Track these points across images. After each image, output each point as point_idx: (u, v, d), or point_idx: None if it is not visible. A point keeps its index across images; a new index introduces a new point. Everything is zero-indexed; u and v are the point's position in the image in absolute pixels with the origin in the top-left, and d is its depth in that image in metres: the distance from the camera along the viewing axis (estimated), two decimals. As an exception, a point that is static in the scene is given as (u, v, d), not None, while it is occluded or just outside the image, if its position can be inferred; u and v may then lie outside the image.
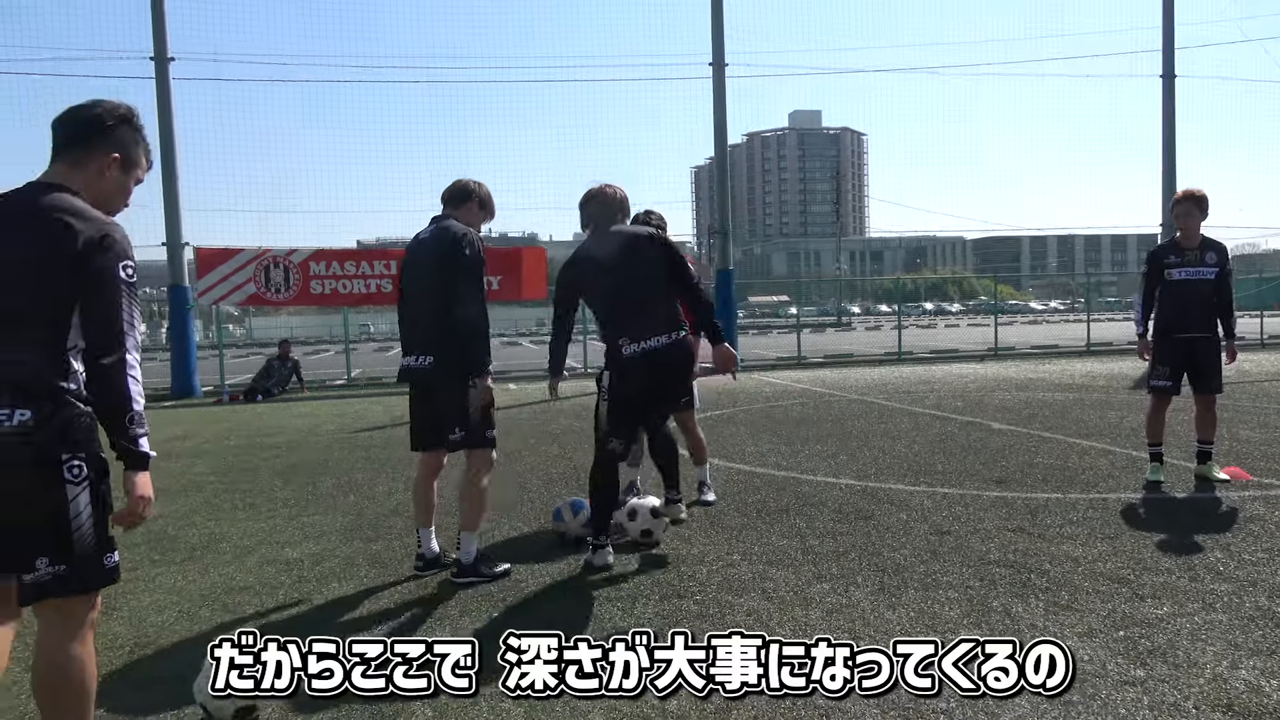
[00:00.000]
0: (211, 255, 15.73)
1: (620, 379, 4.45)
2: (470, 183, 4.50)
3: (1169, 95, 19.85)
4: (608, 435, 4.50)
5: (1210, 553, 4.50)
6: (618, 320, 4.46)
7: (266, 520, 5.84)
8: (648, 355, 4.37)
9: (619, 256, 4.48)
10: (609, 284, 4.49)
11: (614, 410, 4.49)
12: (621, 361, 4.42)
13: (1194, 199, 6.04)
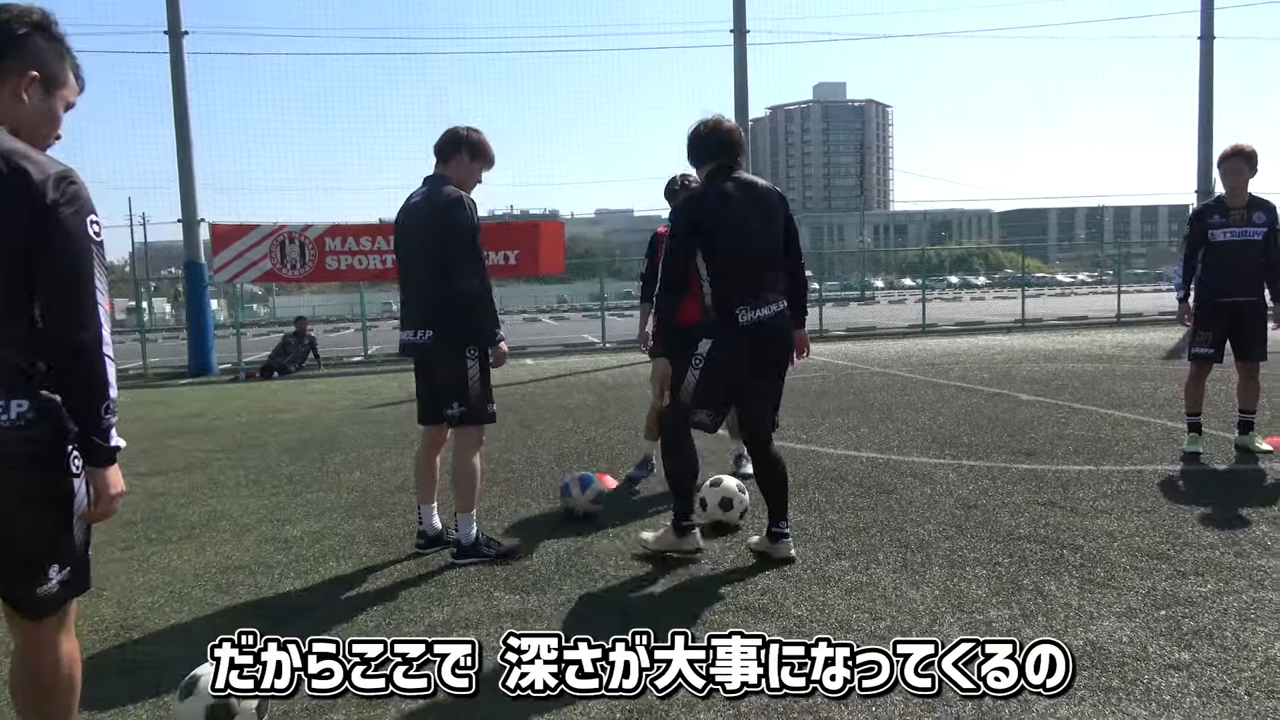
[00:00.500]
0: (227, 232, 15.63)
1: (726, 347, 3.87)
2: (459, 130, 4.19)
3: (1207, 57, 19.19)
4: (694, 407, 3.94)
5: (1256, 527, 4.24)
6: (741, 282, 3.87)
7: (270, 497, 5.69)
8: (762, 325, 3.88)
9: (760, 209, 3.94)
10: (743, 239, 3.89)
11: (709, 379, 3.90)
12: (737, 328, 3.84)
13: (1243, 155, 5.70)
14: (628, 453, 6.68)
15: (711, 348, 3.89)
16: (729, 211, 3.88)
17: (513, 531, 4.64)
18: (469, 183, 4.19)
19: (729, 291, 3.87)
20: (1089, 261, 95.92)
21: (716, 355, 3.88)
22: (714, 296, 3.91)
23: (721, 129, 4.01)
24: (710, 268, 3.91)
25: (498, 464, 6.39)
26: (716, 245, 3.88)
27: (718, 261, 3.90)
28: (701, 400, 3.94)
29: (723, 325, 3.88)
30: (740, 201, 3.90)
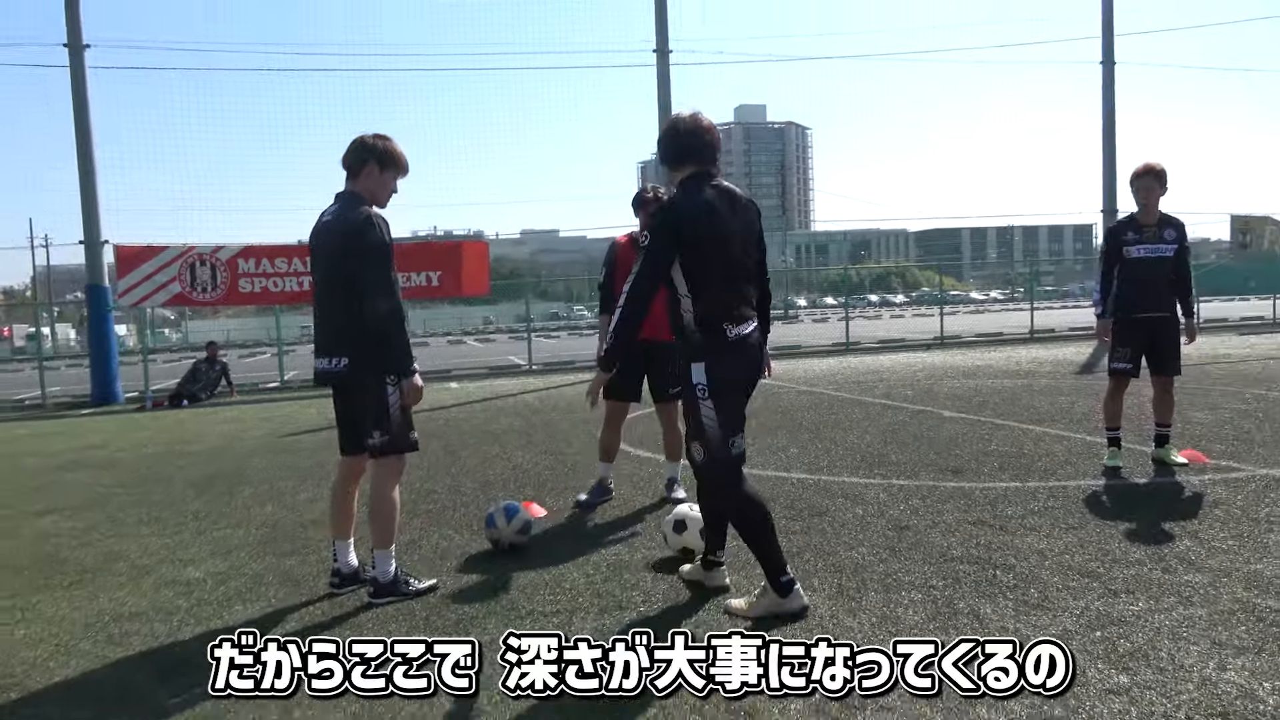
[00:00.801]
0: (133, 254, 14.95)
1: (722, 365, 3.55)
2: (365, 139, 3.93)
3: (1109, 82, 20.01)
4: (728, 438, 3.56)
5: (1180, 541, 4.28)
6: (726, 297, 3.58)
7: (172, 535, 5.34)
8: (746, 342, 3.61)
9: (741, 220, 3.65)
10: (728, 252, 3.59)
11: (726, 403, 3.56)
12: (726, 344, 3.54)
13: (1154, 173, 5.85)
14: (555, 479, 6.50)
15: (709, 371, 3.53)
16: (714, 222, 3.57)
17: (434, 567, 4.41)
18: (382, 195, 3.98)
19: (714, 307, 3.54)
20: (1000, 279, 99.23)
21: (719, 376, 3.54)
22: (697, 313, 3.55)
23: (703, 128, 3.66)
24: (692, 282, 3.55)
25: (419, 494, 6.13)
26: (702, 258, 3.54)
27: (702, 275, 3.54)
28: (730, 428, 3.57)
29: (710, 343, 3.55)
30: (724, 211, 3.60)
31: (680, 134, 3.65)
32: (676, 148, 3.66)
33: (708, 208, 3.56)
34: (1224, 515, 4.69)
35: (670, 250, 3.52)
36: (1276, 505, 4.84)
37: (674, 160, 3.68)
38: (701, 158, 3.65)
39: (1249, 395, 9.30)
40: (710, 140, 3.66)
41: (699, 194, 3.59)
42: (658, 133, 3.82)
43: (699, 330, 3.56)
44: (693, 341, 3.57)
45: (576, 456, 7.41)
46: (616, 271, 5.52)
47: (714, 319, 3.55)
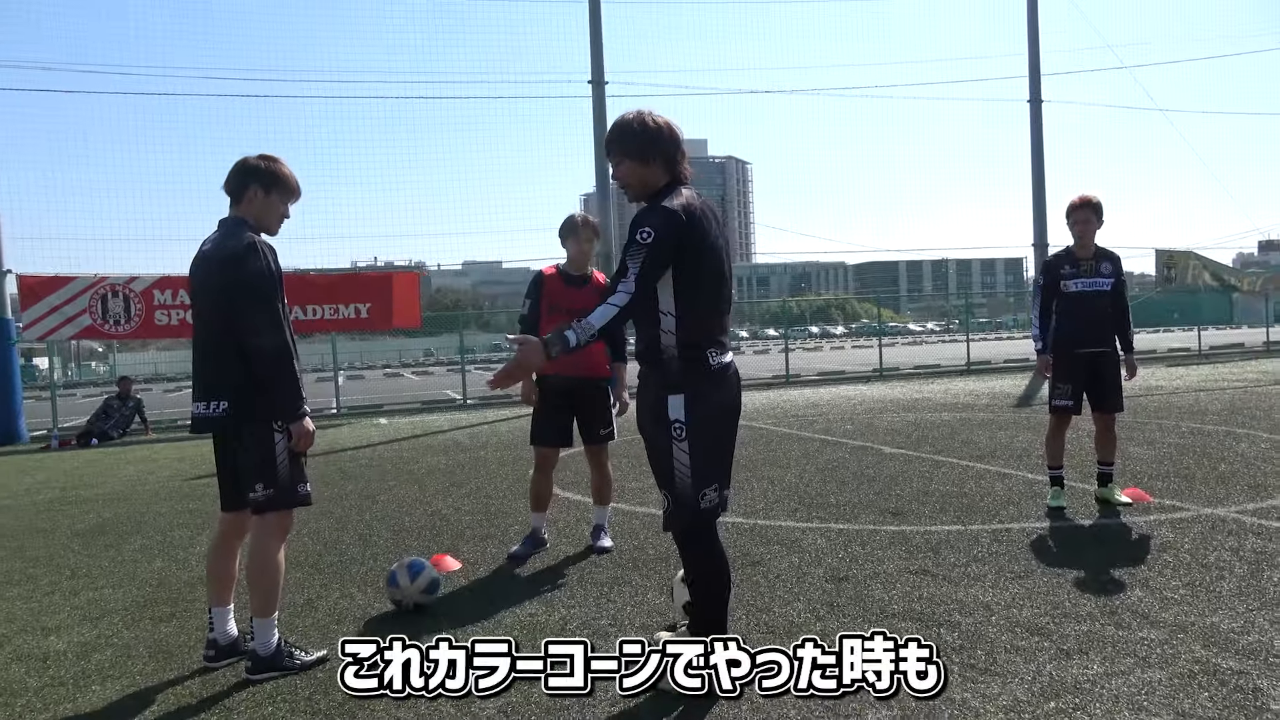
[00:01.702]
0: (38, 284, 14.17)
1: (705, 399, 3.08)
2: (247, 161, 3.54)
3: (1036, 119, 20.41)
4: (700, 488, 3.06)
5: (1130, 591, 4.04)
6: (713, 320, 3.15)
7: (41, 598, 4.79)
8: (728, 371, 3.18)
9: (721, 235, 3.20)
10: (720, 266, 3.15)
11: (704, 446, 3.08)
12: (708, 373, 3.10)
13: (1091, 206, 5.72)
14: (476, 526, 6.08)
15: (689, 405, 3.06)
16: (708, 234, 3.11)
17: (327, 633, 3.96)
18: (270, 221, 3.59)
19: (699, 330, 3.09)
20: (936, 311, 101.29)
21: (699, 412, 3.07)
22: (680, 336, 3.07)
23: (673, 126, 3.19)
24: (681, 299, 3.07)
25: (326, 545, 5.66)
26: (697, 271, 3.08)
27: (693, 292, 3.07)
28: (702, 477, 3.07)
29: (691, 372, 3.08)
30: (714, 222, 3.17)
31: (664, 130, 3.16)
32: (657, 146, 3.14)
33: (701, 215, 3.09)
34: (1174, 561, 4.49)
35: (670, 258, 3.01)
36: (1224, 549, 4.66)
37: (652, 159, 3.15)
38: (673, 162, 3.19)
39: (1185, 429, 9.28)
40: (681, 149, 3.23)
41: (687, 197, 3.12)
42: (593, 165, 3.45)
43: (679, 357, 3.07)
44: (670, 369, 3.06)
45: (501, 501, 6.99)
46: (541, 304, 5.18)
47: (698, 344, 3.09)
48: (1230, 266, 24.99)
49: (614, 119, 3.26)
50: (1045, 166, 20.59)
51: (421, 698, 3.19)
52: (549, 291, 5.17)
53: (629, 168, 3.17)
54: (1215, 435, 8.75)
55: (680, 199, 3.09)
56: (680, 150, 3.20)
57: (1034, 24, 20.59)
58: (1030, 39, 20.59)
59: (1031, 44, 20.55)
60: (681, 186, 3.17)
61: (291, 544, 5.03)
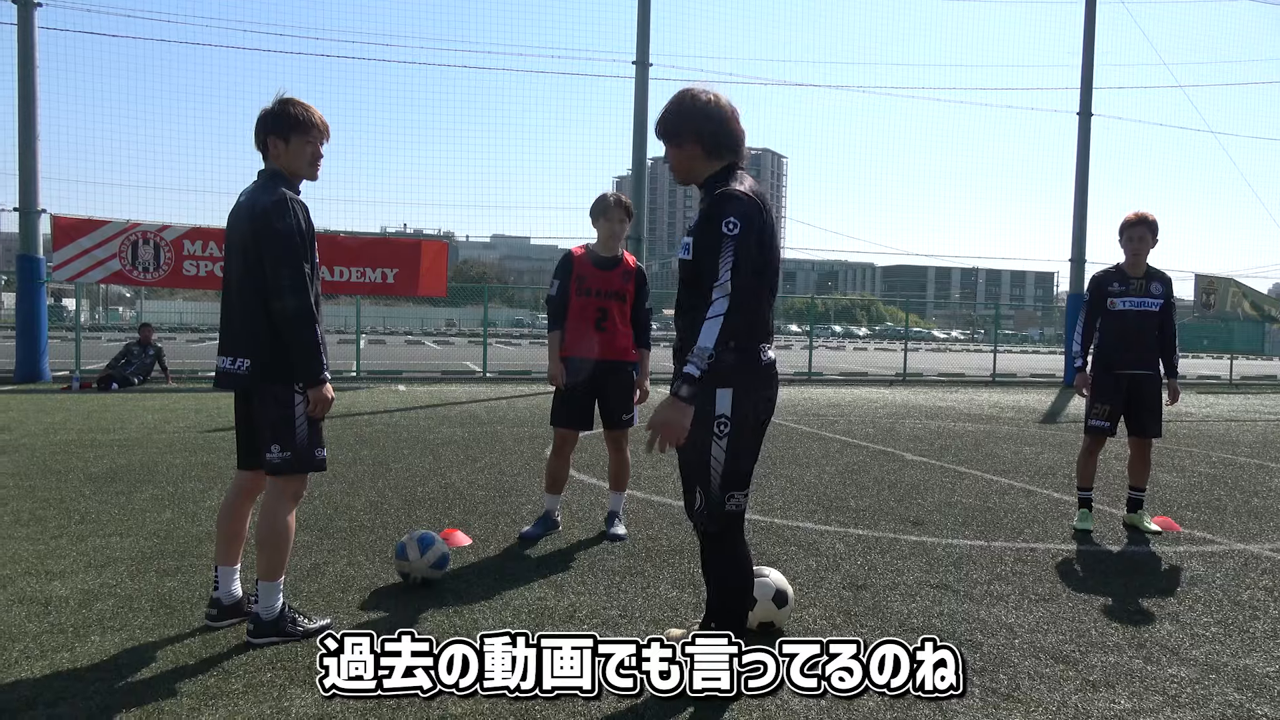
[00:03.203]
0: (71, 226, 14.20)
1: (751, 396, 2.98)
2: (263, 112, 3.42)
3: (1085, 133, 20.02)
4: (728, 490, 2.97)
5: (1160, 625, 3.90)
6: (766, 313, 3.04)
7: (48, 540, 4.75)
8: (773, 370, 3.08)
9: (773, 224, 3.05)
10: (776, 258, 3.06)
11: (741, 447, 2.97)
12: (758, 369, 2.99)
13: (1147, 223, 5.52)
14: (489, 502, 6.00)
15: (737, 400, 2.94)
16: (769, 223, 2.98)
17: (333, 601, 3.89)
18: (299, 165, 3.45)
19: (755, 322, 2.97)
20: (963, 320, 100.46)
21: (744, 411, 2.96)
22: (734, 329, 2.87)
23: (736, 116, 3.07)
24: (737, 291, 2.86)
25: (336, 509, 5.60)
26: (762, 261, 2.95)
27: (749, 284, 2.90)
28: (732, 480, 2.97)
29: (743, 365, 2.95)
30: (770, 214, 3.01)
31: (728, 116, 3.03)
32: (724, 132, 3.02)
33: (765, 204, 2.97)
34: (1205, 596, 4.33)
35: (756, 248, 2.89)
36: (1258, 588, 4.49)
37: (720, 148, 3.02)
38: (740, 150, 3.07)
39: (1215, 459, 9.06)
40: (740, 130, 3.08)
41: (752, 183, 3.01)
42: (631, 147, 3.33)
43: (733, 350, 2.90)
44: (724, 361, 2.85)
45: (515, 478, 6.91)
46: (571, 285, 5.06)
47: (753, 337, 2.97)
48: (1269, 296, 24.48)
49: (667, 100, 3.13)
50: (1090, 181, 20.20)
51: (423, 676, 3.11)
52: (579, 273, 5.05)
53: (689, 151, 3.04)
54: (1248, 468, 8.53)
55: (747, 184, 2.97)
56: (741, 137, 3.06)
57: (1090, 37, 20.17)
58: (1085, 52, 20.17)
59: (1086, 57, 20.13)
60: (741, 171, 3.05)
61: (302, 507, 4.98)
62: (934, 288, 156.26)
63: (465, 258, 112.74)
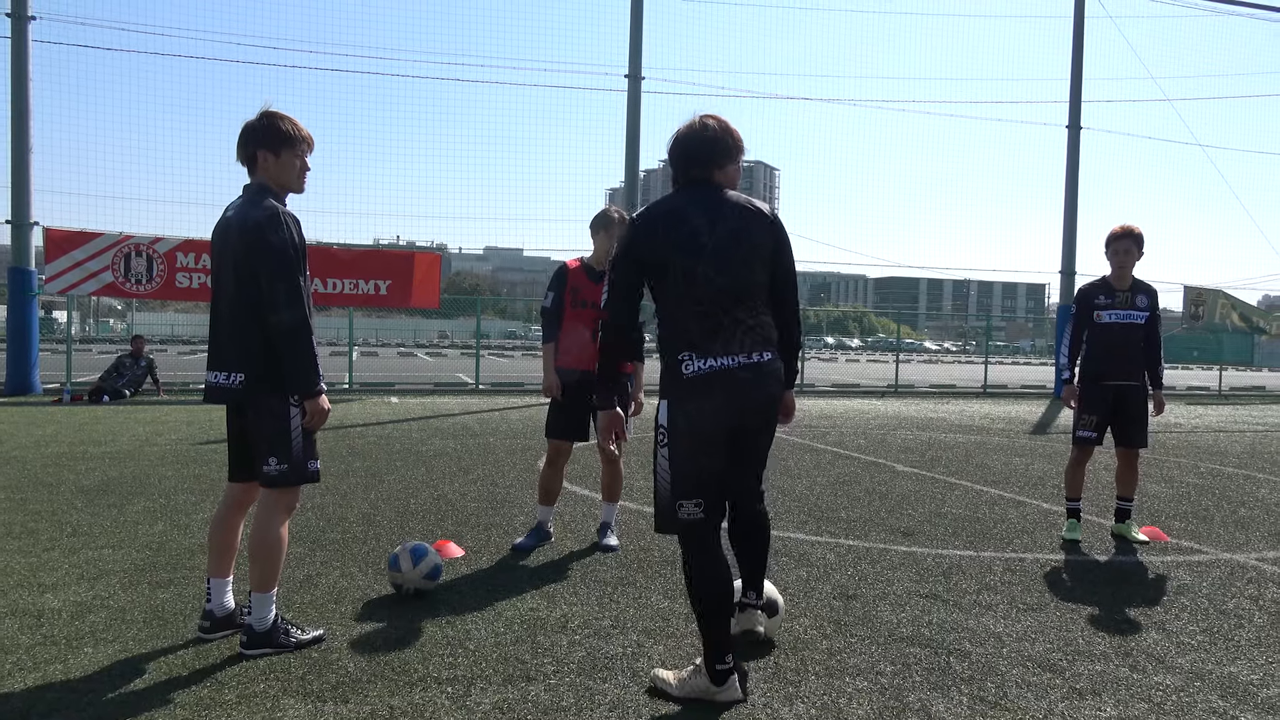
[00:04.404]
0: (64, 238, 14.23)
1: (685, 408, 3.04)
2: (248, 125, 3.44)
3: (1074, 146, 20.19)
4: (677, 498, 3.06)
5: (1146, 633, 3.94)
6: (694, 322, 3.06)
7: (40, 553, 4.75)
8: (722, 377, 3.04)
9: (733, 227, 3.12)
10: (701, 266, 3.06)
11: (681, 457, 3.06)
12: (685, 381, 3.04)
13: (1133, 236, 5.59)
14: (481, 513, 6.01)
15: (669, 414, 3.07)
16: (680, 231, 3.08)
17: (325, 613, 3.91)
18: (288, 179, 3.49)
19: (675, 334, 3.07)
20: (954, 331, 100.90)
21: (678, 420, 3.05)
22: (660, 339, 3.12)
23: (696, 129, 3.21)
24: (660, 302, 3.13)
25: (328, 521, 5.61)
26: (664, 274, 3.08)
27: (664, 294, 3.10)
28: (680, 488, 3.05)
29: (668, 377, 3.08)
30: (699, 219, 3.10)
31: (678, 141, 3.22)
32: (676, 158, 3.23)
33: (667, 216, 3.11)
34: (1191, 605, 4.37)
35: (630, 267, 3.12)
36: (1244, 597, 4.54)
37: (679, 172, 3.23)
38: (698, 164, 3.19)
39: (1204, 469, 9.13)
40: (705, 140, 3.19)
41: (669, 200, 3.17)
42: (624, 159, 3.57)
43: (662, 360, 3.10)
44: (663, 374, 3.10)
45: (508, 490, 6.93)
46: (565, 296, 5.10)
47: (673, 348, 3.07)
48: (1257, 308, 24.67)
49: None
50: (1079, 194, 20.36)
51: (415, 685, 3.14)
52: (574, 285, 5.10)
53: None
54: (1235, 478, 8.60)
55: (652, 202, 3.24)
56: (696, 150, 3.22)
57: (1079, 51, 20.36)
58: (1074, 65, 20.36)
59: (1075, 70, 20.32)
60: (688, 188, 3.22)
61: (295, 518, 5.00)
62: (926, 299, 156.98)
63: (458, 269, 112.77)
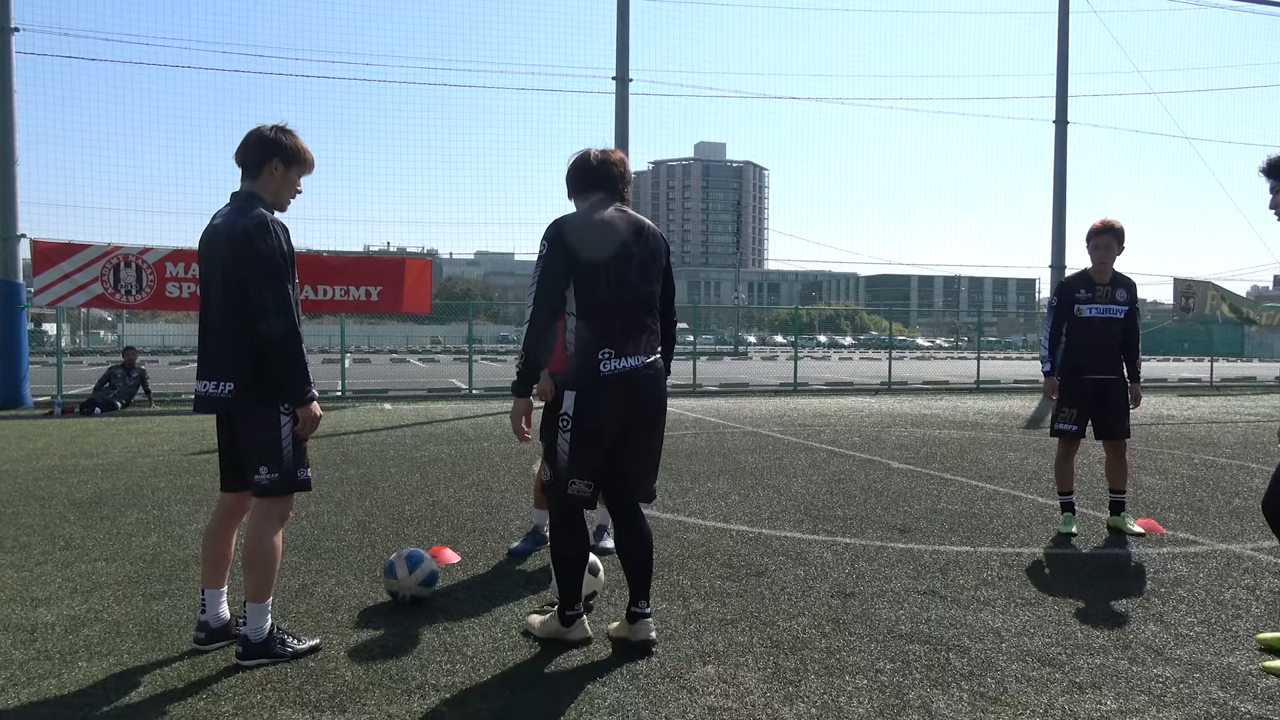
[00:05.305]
0: (51, 250, 14.15)
1: (593, 401, 3.39)
2: (265, 133, 3.45)
3: (1061, 141, 20.25)
4: (568, 476, 3.45)
5: (1144, 625, 3.94)
6: (612, 326, 3.40)
7: (33, 567, 4.72)
8: (631, 375, 3.42)
9: (643, 249, 3.50)
10: (624, 273, 3.42)
11: (580, 442, 3.41)
12: (599, 378, 3.38)
13: (1113, 231, 5.62)
14: (477, 519, 5.99)
15: (577, 404, 3.40)
16: (609, 239, 3.42)
17: (321, 621, 3.89)
18: (285, 196, 3.51)
19: (595, 334, 3.39)
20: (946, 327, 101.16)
21: (585, 412, 3.39)
22: (577, 338, 3.43)
23: (612, 159, 3.59)
24: (579, 302, 3.42)
25: (323, 529, 5.59)
26: (591, 276, 3.39)
27: (589, 296, 3.40)
28: (576, 469, 3.44)
29: (583, 372, 3.39)
30: (623, 231, 3.46)
31: (590, 164, 3.57)
32: (585, 176, 3.57)
33: (606, 225, 3.44)
34: (1188, 596, 4.38)
35: (561, 267, 3.40)
36: (1240, 587, 4.55)
37: (582, 189, 3.59)
38: (611, 187, 3.56)
39: (1197, 460, 9.16)
40: (620, 171, 3.58)
41: (599, 211, 3.49)
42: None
43: (575, 355, 3.43)
44: (570, 366, 3.45)
45: (503, 494, 6.91)
46: None
47: (591, 347, 3.39)
48: (1247, 299, 24.78)
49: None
50: (1067, 188, 20.43)
51: (414, 692, 3.12)
52: None
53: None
54: (1229, 469, 8.63)
55: (580, 210, 3.56)
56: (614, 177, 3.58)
57: (1064, 46, 20.43)
58: (1059, 61, 20.42)
59: (1060, 66, 20.38)
60: (603, 202, 3.55)
61: (289, 527, 4.97)
62: (917, 296, 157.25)
63: (449, 275, 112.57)
